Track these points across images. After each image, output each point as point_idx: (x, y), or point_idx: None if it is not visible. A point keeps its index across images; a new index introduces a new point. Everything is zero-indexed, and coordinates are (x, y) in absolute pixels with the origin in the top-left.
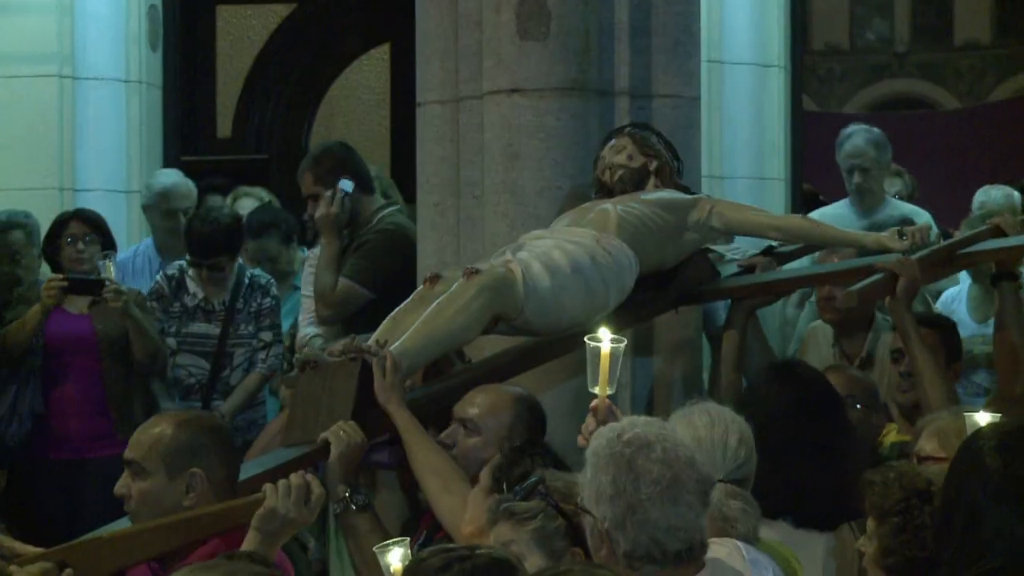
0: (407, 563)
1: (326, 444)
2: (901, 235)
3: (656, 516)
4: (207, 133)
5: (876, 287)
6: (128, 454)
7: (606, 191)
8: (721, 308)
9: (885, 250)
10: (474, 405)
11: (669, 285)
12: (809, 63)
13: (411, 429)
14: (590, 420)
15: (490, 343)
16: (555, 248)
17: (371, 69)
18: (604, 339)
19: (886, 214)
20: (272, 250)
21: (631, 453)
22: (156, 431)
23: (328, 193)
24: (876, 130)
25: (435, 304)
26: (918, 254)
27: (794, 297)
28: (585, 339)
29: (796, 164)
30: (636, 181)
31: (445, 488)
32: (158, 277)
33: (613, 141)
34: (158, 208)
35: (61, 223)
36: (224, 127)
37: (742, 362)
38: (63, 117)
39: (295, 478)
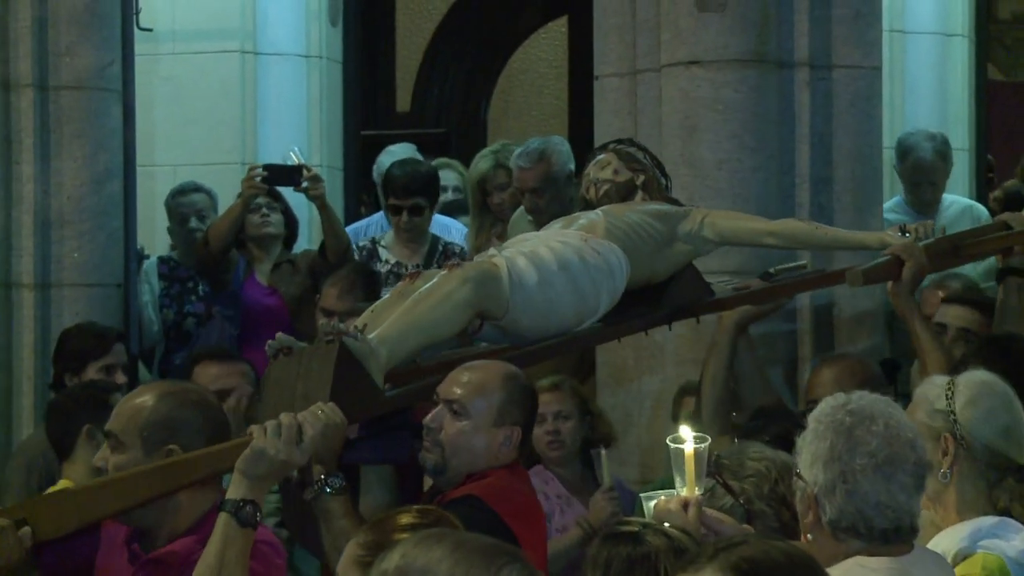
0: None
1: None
2: (903, 232)
3: (866, 489)
4: (387, 108)
5: (882, 269)
6: (108, 425)
7: (591, 209)
8: None
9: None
10: (460, 385)
11: (662, 301)
12: (995, 32)
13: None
14: (675, 502)
15: None
16: (541, 246)
17: (549, 42)
18: (687, 439)
19: (951, 213)
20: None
21: (852, 422)
22: (137, 402)
23: None
24: (939, 135)
25: (416, 294)
26: (922, 242)
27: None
28: (667, 440)
29: (980, 135)
30: (623, 196)
31: None
32: None
33: (599, 157)
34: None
35: None
36: (403, 101)
37: (729, 380)
38: (245, 93)
39: (285, 417)
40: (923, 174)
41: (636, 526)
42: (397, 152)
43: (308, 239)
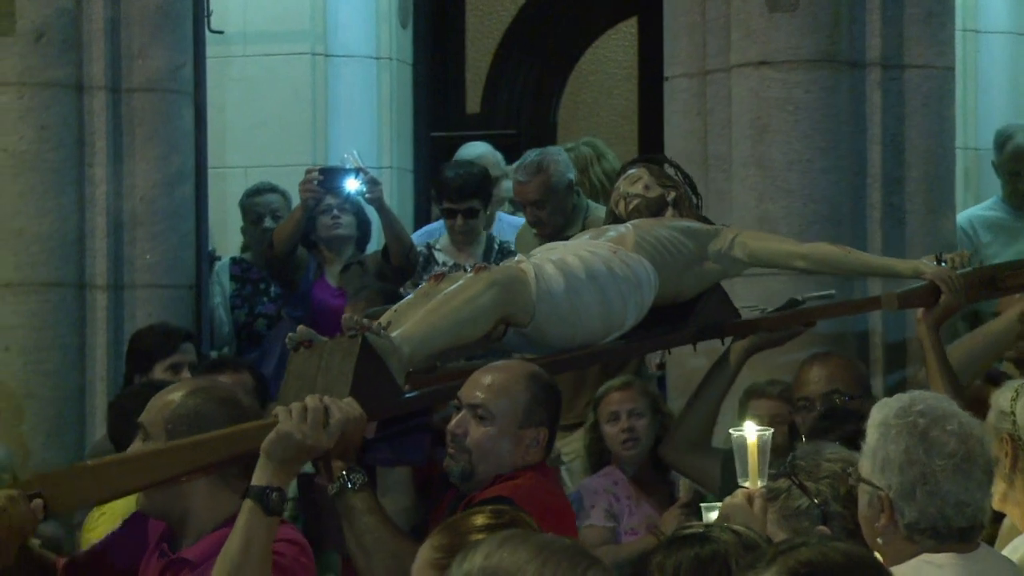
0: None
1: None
2: (939, 260)
3: (947, 489)
4: (456, 109)
5: (918, 295)
6: (140, 416)
7: (620, 223)
8: None
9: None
10: (482, 388)
11: (688, 320)
12: None
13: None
14: (739, 495)
15: None
16: (570, 254)
17: (619, 43)
18: (750, 430)
19: None
20: None
21: (926, 424)
22: (168, 396)
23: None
24: None
25: (441, 294)
26: (960, 271)
27: None
28: (730, 431)
29: None
30: (653, 211)
31: None
32: None
33: (630, 171)
34: None
35: None
36: (473, 103)
37: (720, 402)
38: (316, 95)
39: (311, 400)
40: (1022, 162)
41: (700, 527)
42: (476, 146)
43: (378, 241)
